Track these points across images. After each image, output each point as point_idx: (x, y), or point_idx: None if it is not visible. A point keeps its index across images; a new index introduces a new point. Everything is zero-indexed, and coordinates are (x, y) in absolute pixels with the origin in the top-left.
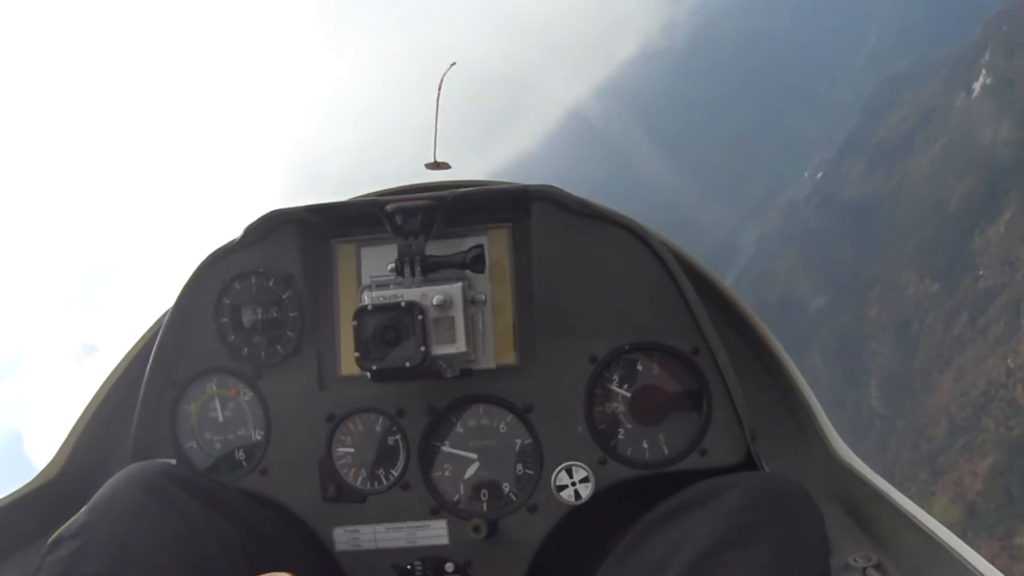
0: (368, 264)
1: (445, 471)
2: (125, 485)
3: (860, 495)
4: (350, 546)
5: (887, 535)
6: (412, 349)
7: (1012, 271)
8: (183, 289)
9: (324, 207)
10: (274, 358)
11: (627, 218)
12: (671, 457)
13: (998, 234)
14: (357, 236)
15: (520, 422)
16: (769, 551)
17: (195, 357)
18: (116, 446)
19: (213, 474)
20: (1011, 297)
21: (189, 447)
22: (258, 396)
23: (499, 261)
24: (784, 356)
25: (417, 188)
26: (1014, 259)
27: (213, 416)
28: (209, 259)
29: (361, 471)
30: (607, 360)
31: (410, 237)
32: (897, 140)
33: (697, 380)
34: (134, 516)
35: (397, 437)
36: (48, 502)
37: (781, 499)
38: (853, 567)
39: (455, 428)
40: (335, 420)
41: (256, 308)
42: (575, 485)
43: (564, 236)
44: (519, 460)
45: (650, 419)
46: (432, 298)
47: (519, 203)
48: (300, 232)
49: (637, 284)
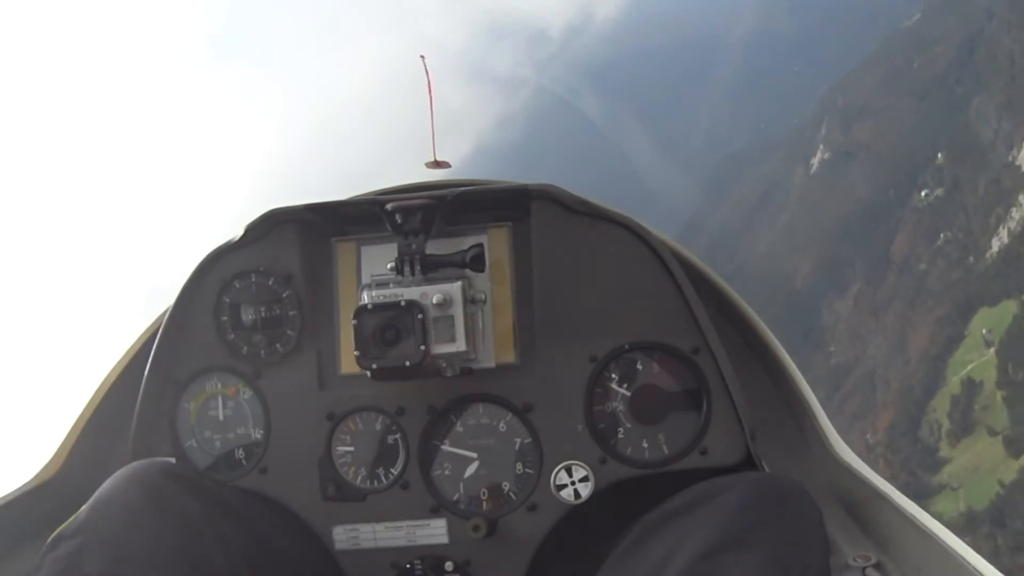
0: (368, 263)
1: (445, 470)
2: (124, 484)
3: (860, 495)
4: (349, 545)
5: (886, 534)
6: (412, 348)
7: (863, 344)
8: (183, 287)
9: (324, 206)
10: (274, 357)
11: (627, 217)
12: (671, 456)
13: (847, 308)
14: (357, 235)
15: (520, 421)
16: (769, 551)
17: (195, 355)
18: (116, 444)
19: (213, 473)
20: (865, 371)
21: (189, 446)
22: (258, 395)
23: (499, 260)
24: (784, 356)
25: (417, 187)
26: (864, 332)
27: (213, 415)
28: (209, 257)
29: (361, 470)
30: (607, 359)
31: (410, 236)
32: (738, 219)
33: (697, 379)
34: (133, 516)
35: (397, 436)
36: (47, 500)
37: (781, 499)
38: (852, 566)
39: (455, 427)
40: (335, 419)
41: (256, 307)
42: (575, 484)
43: (564, 235)
44: (519, 459)
45: (650, 418)
46: (432, 297)
47: (519, 202)
48: (300, 231)
49: (637, 283)
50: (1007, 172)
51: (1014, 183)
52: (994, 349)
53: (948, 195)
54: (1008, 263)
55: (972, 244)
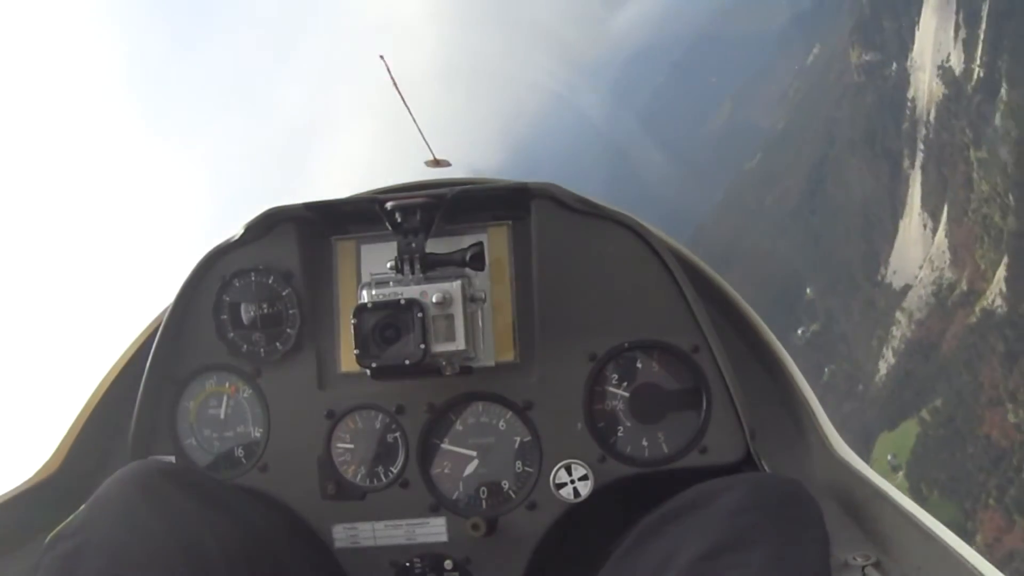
0: (368, 261)
1: (444, 468)
2: (123, 484)
3: (859, 494)
4: (349, 543)
5: (886, 533)
6: (411, 346)
7: None
8: (183, 286)
9: (323, 204)
10: (274, 355)
11: (627, 216)
12: (670, 455)
13: None
14: (357, 233)
15: (519, 420)
16: (769, 551)
17: (194, 354)
18: (115, 443)
19: (212, 471)
20: None
21: (188, 444)
22: (257, 393)
23: (499, 259)
24: (783, 354)
25: (417, 186)
26: None
27: (212, 413)
28: (209, 256)
29: (360, 468)
30: (607, 358)
31: (410, 235)
32: None
33: (696, 378)
34: (132, 516)
35: (396, 434)
36: (47, 499)
37: (781, 499)
38: (852, 565)
39: (454, 425)
40: (334, 417)
41: (256, 305)
42: (574, 483)
43: (564, 234)
44: (518, 458)
45: (649, 417)
46: (432, 296)
47: (519, 201)
48: (300, 229)
49: (637, 282)
50: (879, 291)
51: (888, 301)
52: (903, 472)
53: (824, 328)
54: (900, 383)
55: (859, 372)
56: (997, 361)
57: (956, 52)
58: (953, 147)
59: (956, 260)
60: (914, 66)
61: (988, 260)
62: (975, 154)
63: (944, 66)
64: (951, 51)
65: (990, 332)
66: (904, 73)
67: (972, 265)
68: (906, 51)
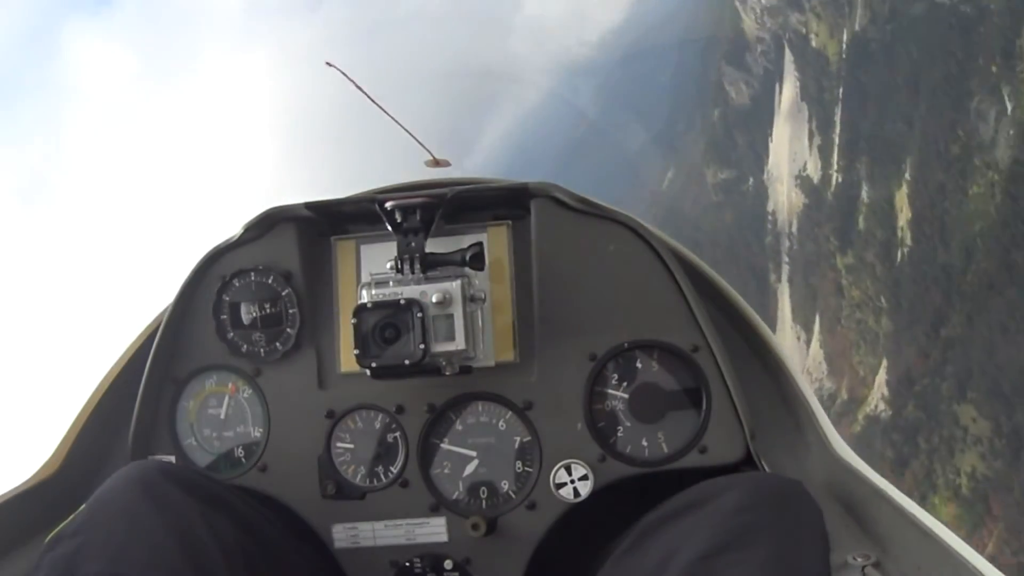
0: (367, 261)
1: (444, 468)
2: (123, 484)
3: (859, 493)
4: (349, 543)
5: (886, 533)
6: (411, 346)
7: None
8: (182, 286)
9: (323, 204)
10: (273, 355)
11: (627, 216)
12: (670, 455)
13: None
14: (356, 233)
15: (519, 419)
16: (769, 551)
17: (194, 354)
18: (115, 443)
19: (212, 471)
20: None
21: (188, 444)
22: (257, 393)
23: (498, 259)
24: (783, 354)
25: (417, 185)
26: None
27: (212, 413)
28: (208, 256)
29: (360, 468)
30: (606, 358)
31: (409, 234)
32: None
33: (696, 378)
34: (132, 516)
35: (396, 434)
36: (46, 499)
37: (780, 499)
38: (852, 565)
39: (454, 425)
40: (334, 417)
41: (255, 305)
42: (574, 483)
43: (564, 234)
44: (518, 458)
45: (649, 417)
46: (431, 295)
47: (519, 200)
48: (299, 229)
49: (637, 282)
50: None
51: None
52: None
53: None
54: None
55: None
56: (888, 468)
57: (812, 159)
58: (819, 255)
59: (833, 369)
60: (771, 178)
61: (867, 365)
62: (842, 260)
63: (802, 175)
64: (807, 159)
65: (876, 439)
66: (762, 186)
67: (851, 372)
68: (762, 164)
